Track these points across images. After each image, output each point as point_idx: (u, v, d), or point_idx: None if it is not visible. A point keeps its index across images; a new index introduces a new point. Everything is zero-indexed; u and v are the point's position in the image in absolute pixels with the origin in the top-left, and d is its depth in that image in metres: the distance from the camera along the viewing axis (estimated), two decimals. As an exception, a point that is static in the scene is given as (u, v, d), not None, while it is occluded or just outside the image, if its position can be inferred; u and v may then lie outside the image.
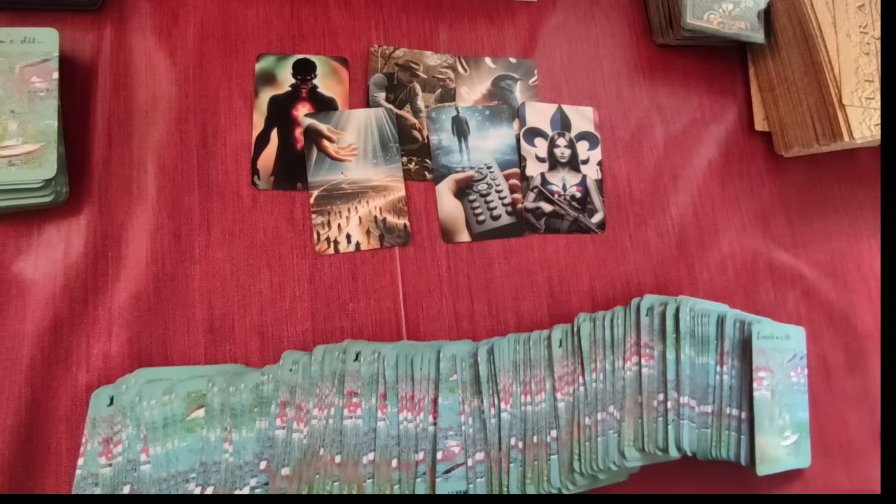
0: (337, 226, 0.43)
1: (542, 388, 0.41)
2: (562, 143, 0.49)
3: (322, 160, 0.44)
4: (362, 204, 0.44)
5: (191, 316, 0.41)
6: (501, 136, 0.48)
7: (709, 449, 0.42)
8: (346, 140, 0.45)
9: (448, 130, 0.47)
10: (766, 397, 0.43)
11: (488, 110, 0.48)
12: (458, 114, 0.48)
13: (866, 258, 0.54)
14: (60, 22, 0.43)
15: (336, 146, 0.45)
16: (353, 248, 0.43)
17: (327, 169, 0.44)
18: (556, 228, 0.48)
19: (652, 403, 0.42)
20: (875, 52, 0.49)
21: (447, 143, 0.47)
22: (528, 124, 0.49)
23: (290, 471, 0.37)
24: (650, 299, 0.44)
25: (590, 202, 0.49)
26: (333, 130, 0.45)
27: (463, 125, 0.48)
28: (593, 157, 0.50)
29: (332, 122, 0.45)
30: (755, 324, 0.44)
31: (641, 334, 0.42)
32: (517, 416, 0.40)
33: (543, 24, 0.52)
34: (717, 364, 0.43)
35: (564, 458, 0.40)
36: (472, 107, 0.48)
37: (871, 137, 0.47)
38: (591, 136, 0.50)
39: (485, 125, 0.48)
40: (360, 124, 0.46)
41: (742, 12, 0.51)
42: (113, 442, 0.36)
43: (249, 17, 0.46)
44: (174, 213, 0.42)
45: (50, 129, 0.38)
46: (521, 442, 0.40)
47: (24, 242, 0.40)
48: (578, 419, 0.41)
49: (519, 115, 0.49)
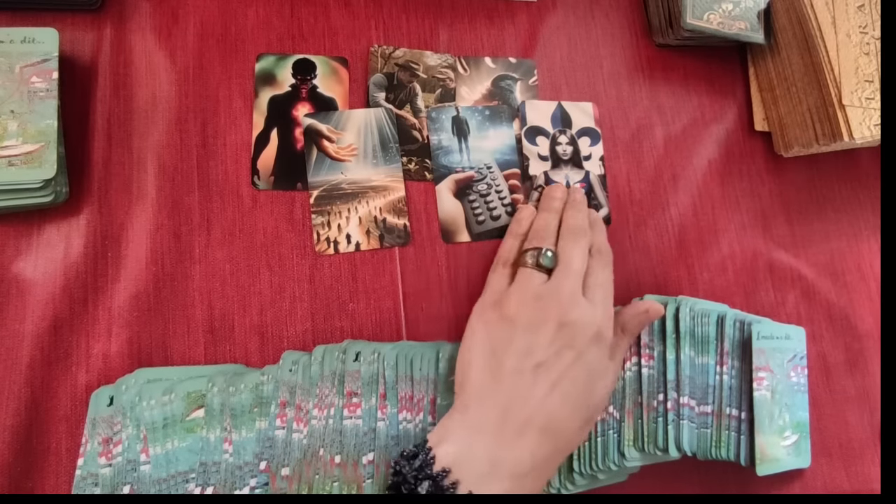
0: (337, 226, 0.43)
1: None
2: (563, 140, 0.49)
3: (322, 160, 0.44)
4: (362, 204, 0.44)
5: (191, 316, 0.41)
6: (501, 137, 0.48)
7: (709, 449, 0.42)
8: (345, 140, 0.45)
9: (448, 130, 0.47)
10: (765, 397, 0.43)
11: (488, 110, 0.48)
12: (458, 114, 0.48)
13: (866, 258, 0.54)
14: (60, 22, 0.43)
15: (336, 146, 0.45)
16: (353, 249, 0.43)
17: (327, 169, 0.44)
18: None
19: (652, 403, 0.42)
20: (875, 52, 0.49)
21: (447, 143, 0.47)
22: (529, 123, 0.49)
23: (290, 471, 0.37)
24: (650, 299, 0.44)
25: (594, 198, 0.49)
26: (333, 130, 0.45)
27: (463, 125, 0.48)
28: (595, 153, 0.50)
29: (332, 122, 0.45)
30: (755, 324, 0.44)
31: (641, 334, 0.43)
32: None
33: (543, 23, 0.52)
34: (717, 364, 0.43)
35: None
36: (473, 107, 0.48)
37: (871, 137, 0.47)
38: (593, 132, 0.50)
39: (485, 125, 0.48)
40: (360, 124, 0.46)
41: (742, 12, 0.51)
42: (113, 442, 0.36)
43: (249, 17, 0.46)
44: (174, 213, 0.42)
45: (50, 129, 0.38)
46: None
47: (23, 242, 0.40)
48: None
49: (520, 114, 0.49)
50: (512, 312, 0.36)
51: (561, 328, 0.35)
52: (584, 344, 0.35)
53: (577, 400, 0.34)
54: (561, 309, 0.35)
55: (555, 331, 0.34)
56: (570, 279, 0.36)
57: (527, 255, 0.39)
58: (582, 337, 0.35)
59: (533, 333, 0.35)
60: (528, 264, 0.38)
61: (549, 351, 0.34)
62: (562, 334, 0.34)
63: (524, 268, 0.38)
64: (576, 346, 0.35)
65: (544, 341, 0.34)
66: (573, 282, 0.36)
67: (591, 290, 0.37)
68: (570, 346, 0.34)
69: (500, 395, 0.33)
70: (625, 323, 0.39)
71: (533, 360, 0.34)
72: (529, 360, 0.34)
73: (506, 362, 0.34)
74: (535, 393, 0.33)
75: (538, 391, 0.33)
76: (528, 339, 0.34)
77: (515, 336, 0.35)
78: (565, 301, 0.35)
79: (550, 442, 0.33)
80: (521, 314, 0.35)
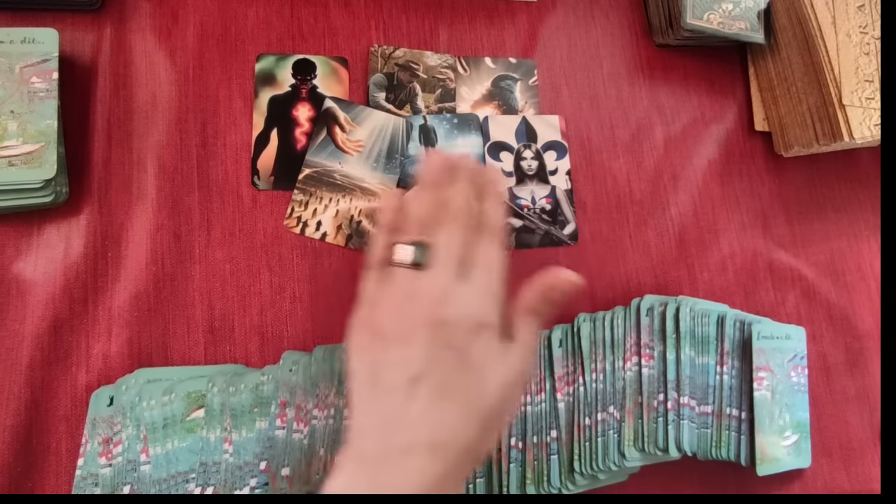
0: (313, 210, 0.43)
1: (541, 388, 0.41)
2: (528, 154, 0.48)
3: (327, 144, 0.44)
4: (345, 199, 0.44)
5: (191, 316, 0.41)
6: (470, 145, 0.47)
7: (709, 449, 0.42)
8: (357, 134, 0.45)
9: (415, 139, 0.47)
10: (766, 397, 0.43)
11: (457, 118, 0.48)
12: (425, 122, 0.47)
13: (866, 258, 0.54)
14: (60, 22, 0.43)
15: (345, 136, 0.45)
16: (318, 237, 0.43)
17: (328, 154, 0.44)
18: (526, 244, 0.46)
19: (652, 403, 0.42)
20: (875, 52, 0.49)
21: (413, 151, 0.46)
22: (492, 138, 0.48)
23: (290, 471, 0.37)
24: (650, 299, 0.44)
25: (560, 213, 0.48)
26: (349, 121, 0.45)
27: (430, 133, 0.47)
28: (562, 167, 0.49)
29: (352, 113, 0.45)
30: (755, 324, 0.44)
31: (642, 334, 0.43)
32: (517, 416, 0.40)
33: (543, 24, 0.52)
34: (717, 364, 0.43)
35: (564, 459, 0.40)
36: (440, 115, 0.48)
37: (871, 137, 0.47)
38: (559, 146, 0.49)
39: (453, 133, 0.47)
40: (377, 126, 0.46)
41: (742, 12, 0.51)
42: (113, 442, 0.36)
43: (249, 17, 0.46)
44: (174, 213, 0.42)
45: (50, 130, 0.38)
46: (521, 442, 0.40)
47: (23, 242, 0.40)
48: (578, 419, 0.41)
49: (483, 130, 0.48)
50: (382, 326, 0.31)
51: (436, 330, 0.30)
52: (464, 340, 0.30)
53: (466, 404, 0.30)
54: (433, 308, 0.30)
55: (429, 335, 0.30)
56: (443, 271, 0.31)
57: (395, 252, 0.33)
58: (460, 333, 0.30)
59: (405, 344, 0.30)
60: (396, 262, 0.32)
61: (424, 359, 0.30)
62: (438, 336, 0.30)
63: (393, 267, 0.33)
64: (455, 345, 0.30)
65: (418, 350, 0.30)
66: (446, 274, 0.31)
67: (469, 273, 0.32)
68: (449, 347, 0.30)
69: (377, 419, 0.30)
70: (527, 303, 0.34)
71: (407, 373, 0.30)
72: (404, 374, 0.30)
73: (381, 383, 0.30)
74: (413, 410, 0.29)
75: (416, 407, 0.29)
76: (401, 352, 0.30)
77: (389, 351, 0.30)
78: (437, 298, 0.31)
79: (441, 458, 0.29)
80: (392, 325, 0.31)
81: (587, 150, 0.50)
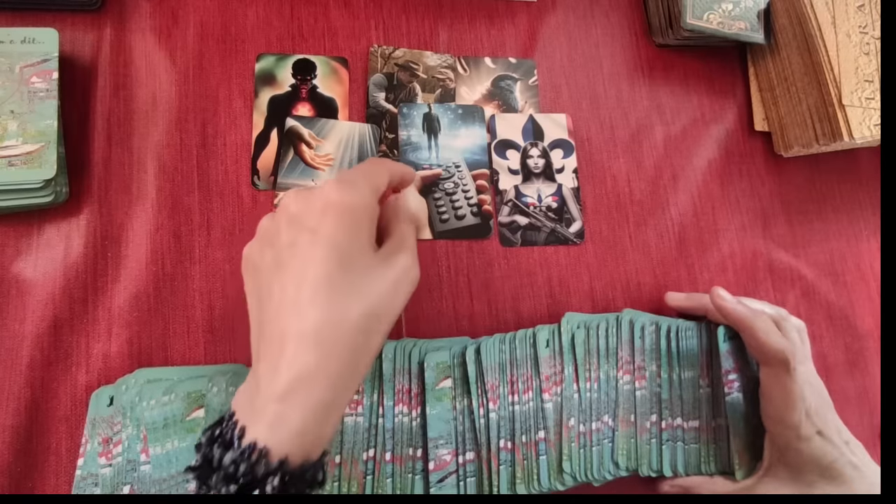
0: None
1: (528, 387, 0.41)
2: (535, 153, 0.48)
3: (296, 164, 0.44)
4: None
5: (191, 316, 0.41)
6: (473, 136, 0.48)
7: (699, 465, 0.43)
8: (324, 149, 0.45)
9: (418, 127, 0.47)
10: (738, 399, 0.43)
11: (461, 109, 0.48)
12: (430, 111, 0.47)
13: (866, 258, 0.54)
14: (60, 22, 0.43)
15: (313, 153, 0.44)
16: None
17: (299, 173, 0.44)
18: (532, 241, 0.47)
19: (645, 425, 0.42)
20: (875, 52, 0.49)
21: (416, 139, 0.46)
22: (499, 136, 0.48)
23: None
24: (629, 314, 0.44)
25: (567, 212, 0.48)
26: (314, 137, 0.44)
27: (434, 122, 0.47)
28: (568, 165, 0.49)
29: (316, 128, 0.45)
30: (721, 326, 0.44)
31: (634, 354, 0.43)
32: (505, 416, 0.40)
33: (543, 24, 0.52)
34: (699, 377, 0.44)
35: (553, 459, 0.40)
36: (445, 104, 0.48)
37: (870, 137, 0.47)
38: (566, 144, 0.49)
39: (456, 123, 0.47)
40: (343, 137, 0.45)
41: (742, 12, 0.51)
42: (113, 442, 0.36)
43: (249, 17, 0.46)
44: (174, 213, 0.42)
45: (50, 130, 0.38)
46: (510, 442, 0.40)
47: (23, 242, 0.40)
48: (566, 420, 0.41)
49: (490, 128, 0.48)
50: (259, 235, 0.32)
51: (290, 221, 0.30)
52: (316, 220, 0.29)
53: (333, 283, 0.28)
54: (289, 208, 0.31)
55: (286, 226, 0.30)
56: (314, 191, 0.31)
57: None
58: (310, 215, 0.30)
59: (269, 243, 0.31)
60: None
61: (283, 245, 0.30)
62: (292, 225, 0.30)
63: None
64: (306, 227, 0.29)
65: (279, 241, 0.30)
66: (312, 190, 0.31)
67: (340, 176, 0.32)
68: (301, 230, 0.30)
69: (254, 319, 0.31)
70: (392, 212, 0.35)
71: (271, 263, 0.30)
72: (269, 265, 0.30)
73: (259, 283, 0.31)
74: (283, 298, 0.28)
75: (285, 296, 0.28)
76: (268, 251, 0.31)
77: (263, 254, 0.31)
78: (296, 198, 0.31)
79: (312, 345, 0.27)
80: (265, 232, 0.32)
81: (587, 150, 0.50)
